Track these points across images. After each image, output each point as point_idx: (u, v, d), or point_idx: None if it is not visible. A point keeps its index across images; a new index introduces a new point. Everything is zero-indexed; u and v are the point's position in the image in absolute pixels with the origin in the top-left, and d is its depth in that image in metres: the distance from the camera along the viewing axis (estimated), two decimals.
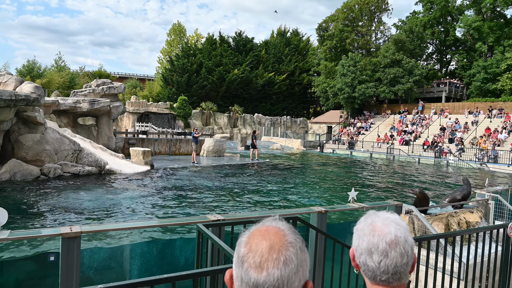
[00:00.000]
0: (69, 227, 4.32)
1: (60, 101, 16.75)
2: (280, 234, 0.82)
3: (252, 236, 0.82)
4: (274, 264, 0.77)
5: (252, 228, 0.86)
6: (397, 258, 1.01)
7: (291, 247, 0.80)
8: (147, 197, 9.34)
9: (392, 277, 1.02)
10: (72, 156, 12.59)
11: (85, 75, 45.65)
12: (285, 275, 0.77)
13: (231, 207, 8.80)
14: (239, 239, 0.85)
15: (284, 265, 0.77)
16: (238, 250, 0.82)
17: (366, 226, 1.07)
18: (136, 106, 32.39)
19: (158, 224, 5.06)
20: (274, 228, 0.84)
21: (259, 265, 0.77)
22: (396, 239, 1.02)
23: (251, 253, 0.78)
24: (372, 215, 1.10)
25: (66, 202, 8.46)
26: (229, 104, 43.34)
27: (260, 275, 0.76)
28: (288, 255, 0.79)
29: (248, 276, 0.77)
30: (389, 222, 1.05)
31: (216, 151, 20.30)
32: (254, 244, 0.80)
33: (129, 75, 61.23)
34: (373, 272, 1.03)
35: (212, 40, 47.05)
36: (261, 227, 0.85)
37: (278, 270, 0.76)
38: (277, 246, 0.79)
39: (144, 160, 14.12)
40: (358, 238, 1.07)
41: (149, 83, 51.33)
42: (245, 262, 0.78)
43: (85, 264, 6.03)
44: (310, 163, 21.13)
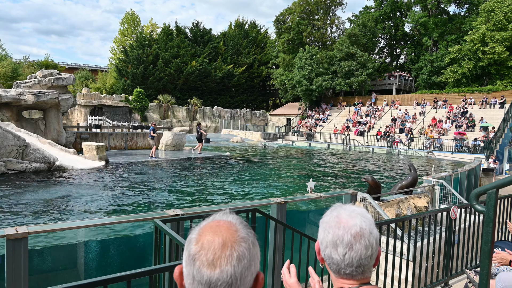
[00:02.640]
0: (14, 228, 4.02)
1: (1, 93, 15.47)
2: (232, 229, 0.80)
3: (203, 232, 0.80)
4: (227, 261, 0.75)
5: (202, 223, 0.83)
6: (362, 250, 1.02)
7: (243, 242, 0.79)
8: (101, 194, 8.94)
9: (356, 270, 1.03)
10: (17, 152, 11.72)
11: (30, 65, 42.51)
12: (238, 271, 0.76)
13: (190, 201, 8.68)
14: (188, 236, 0.82)
15: (237, 261, 0.76)
16: (188, 248, 0.79)
17: (332, 218, 1.07)
18: (88, 99, 30.77)
19: (113, 222, 4.87)
20: (225, 222, 0.82)
21: (211, 262, 0.75)
22: (361, 231, 1.03)
23: (203, 250, 0.76)
24: (338, 207, 1.11)
25: (12, 201, 7.88)
26: (187, 97, 42.54)
27: (213, 272, 0.74)
28: (241, 250, 0.78)
29: (200, 274, 0.75)
30: (355, 214, 1.06)
31: (175, 144, 19.87)
32: (206, 241, 0.77)
33: (79, 66, 58.00)
34: (338, 265, 1.04)
35: (169, 30, 45.72)
36: (211, 222, 0.83)
37: (231, 266, 0.75)
38: (229, 243, 0.77)
39: (98, 155, 13.48)
40: (323, 230, 1.07)
41: (102, 75, 48.97)
42: (197, 260, 0.76)
43: (34, 266, 5.68)
44: (270, 155, 21.38)
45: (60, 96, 16.93)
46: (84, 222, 5.57)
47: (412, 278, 4.03)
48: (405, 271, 4.06)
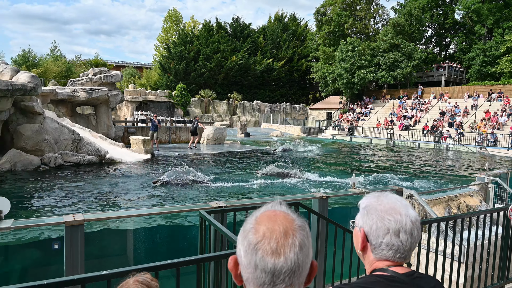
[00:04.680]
0: (72, 216, 4.34)
1: (57, 91, 16.63)
2: (289, 218, 0.82)
3: (261, 222, 0.81)
4: (290, 249, 0.77)
5: (256, 214, 0.85)
6: (418, 237, 1.07)
7: (302, 231, 0.81)
8: (149, 185, 9.37)
9: (408, 254, 1.08)
10: (72, 146, 12.57)
11: (81, 64, 45.19)
12: (300, 258, 0.78)
13: (232, 193, 8.85)
14: (245, 226, 0.83)
15: (299, 249, 0.78)
16: (247, 238, 0.80)
17: (383, 206, 1.09)
18: (134, 95, 32.20)
19: (161, 212, 5.10)
20: (281, 212, 0.84)
21: (275, 250, 0.76)
22: (416, 219, 1.08)
23: (266, 239, 0.78)
24: (381, 196, 1.12)
25: (69, 191, 8.50)
26: (228, 92, 43.11)
27: (278, 260, 0.76)
28: (301, 238, 0.80)
29: (264, 263, 0.76)
30: (405, 203, 1.10)
31: (216, 138, 20.28)
32: (267, 230, 0.79)
33: (126, 64, 60.67)
34: (396, 251, 1.07)
35: (209, 26, 46.47)
36: (267, 212, 0.84)
37: (294, 254, 0.77)
38: (290, 231, 0.79)
39: (144, 148, 14.11)
40: (378, 218, 1.08)
41: (147, 71, 50.91)
42: (259, 249, 0.77)
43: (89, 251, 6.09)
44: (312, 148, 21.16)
45: (110, 92, 17.88)
46: (134, 212, 5.88)
47: (464, 281, 3.83)
48: (456, 274, 3.87)
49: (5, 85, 10.41)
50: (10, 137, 11.85)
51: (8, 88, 10.47)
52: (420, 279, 1.07)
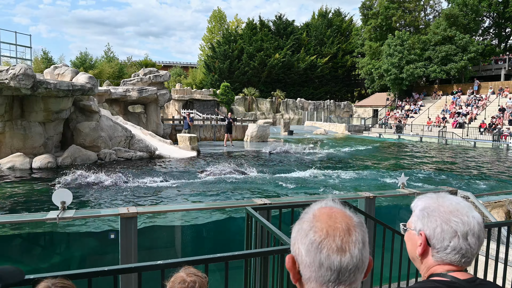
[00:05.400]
0: (126, 208, 4.61)
1: (111, 90, 17.68)
2: (347, 215, 0.82)
3: (320, 219, 0.81)
4: (354, 245, 0.78)
5: (312, 212, 0.84)
6: (483, 240, 1.03)
7: (362, 227, 0.82)
8: (196, 181, 9.69)
9: (473, 258, 1.03)
10: (125, 142, 13.32)
11: (132, 65, 47.57)
12: (364, 254, 0.79)
13: (276, 191, 8.89)
14: (302, 225, 0.83)
15: (362, 245, 0.79)
16: (308, 236, 0.79)
17: (446, 208, 1.04)
18: (181, 94, 33.33)
19: (209, 207, 5.26)
20: (338, 210, 0.84)
21: (341, 248, 0.77)
22: (481, 221, 1.03)
23: (330, 237, 0.78)
24: (439, 197, 1.08)
25: (123, 185, 9.03)
26: (271, 89, 43.20)
27: (344, 257, 0.76)
28: (362, 235, 0.80)
29: (330, 261, 0.77)
30: (467, 204, 1.05)
31: (259, 136, 20.44)
32: (329, 227, 0.79)
33: (173, 64, 62.82)
34: (463, 255, 1.02)
35: (252, 25, 46.80)
36: (323, 209, 0.84)
37: (358, 250, 0.78)
38: (351, 228, 0.80)
39: (190, 145, 14.59)
40: (442, 221, 1.04)
41: (192, 71, 52.41)
42: (324, 247, 0.77)
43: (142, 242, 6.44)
44: (357, 147, 20.62)
45: (158, 91, 18.67)
46: (182, 206, 6.11)
47: None
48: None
49: (66, 86, 11.26)
50: (70, 134, 12.81)
51: (69, 89, 11.32)
52: (483, 286, 1.01)
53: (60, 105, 11.68)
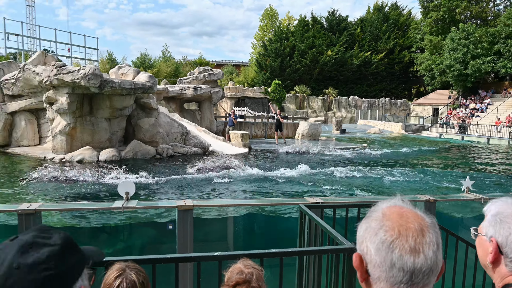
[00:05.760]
0: (183, 201, 4.83)
1: (169, 89, 18.56)
2: (419, 215, 0.80)
3: (391, 219, 0.79)
4: (428, 247, 0.76)
5: (381, 211, 0.83)
6: None
7: (435, 228, 0.79)
8: (248, 176, 9.87)
9: None
10: (181, 138, 13.93)
11: (187, 64, 49.45)
12: (438, 256, 0.77)
13: (328, 190, 8.76)
14: (370, 223, 0.81)
15: (436, 247, 0.77)
16: (378, 235, 0.78)
17: None
18: (233, 92, 34.03)
19: (261, 203, 5.35)
20: (409, 209, 0.81)
21: (414, 249, 0.75)
22: None
23: (402, 237, 0.76)
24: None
25: (180, 178, 9.47)
26: (323, 87, 42.48)
27: (417, 259, 0.75)
28: (435, 236, 0.78)
29: (403, 261, 0.75)
30: None
31: (311, 134, 20.23)
32: (401, 227, 0.77)
33: (225, 62, 64.17)
34: None
35: (304, 22, 46.29)
36: (393, 208, 0.82)
37: (432, 252, 0.76)
38: (425, 228, 0.77)
39: (242, 142, 14.87)
40: None
41: (244, 69, 53.16)
42: (396, 247, 0.76)
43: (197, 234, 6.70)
44: (414, 148, 19.60)
45: (212, 89, 19.24)
46: (235, 201, 6.27)
47: None
48: None
49: (129, 85, 12.04)
50: (132, 129, 13.68)
51: (131, 87, 12.09)
52: None
53: (124, 103, 12.52)
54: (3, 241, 0.81)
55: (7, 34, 27.06)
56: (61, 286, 0.75)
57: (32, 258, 0.72)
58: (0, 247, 0.75)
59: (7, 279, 0.68)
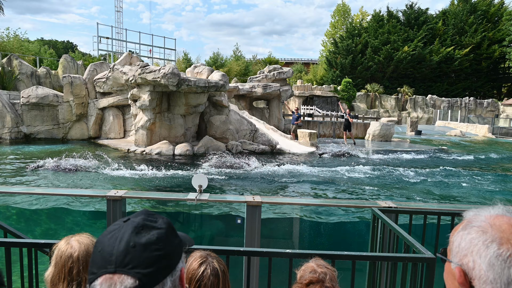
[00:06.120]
0: (252, 197, 4.96)
1: (239, 87, 19.08)
2: None
3: (502, 230, 0.73)
4: None
5: (486, 220, 0.76)
6: None
7: None
8: (315, 176, 9.76)
9: None
10: (249, 135, 14.26)
11: (257, 63, 50.31)
12: None
13: (401, 194, 8.29)
14: (474, 234, 0.76)
15: None
16: (490, 248, 0.73)
17: None
18: (301, 90, 33.82)
19: (330, 204, 5.25)
20: None
21: None
22: None
23: None
24: None
25: (251, 175, 9.72)
26: (397, 85, 40.14)
27: None
28: None
29: None
30: None
31: (382, 135, 19.29)
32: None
33: (294, 60, 64.01)
34: None
35: (379, 16, 44.08)
36: (500, 218, 0.76)
37: None
38: None
39: (310, 141, 14.72)
40: None
41: (313, 67, 52.48)
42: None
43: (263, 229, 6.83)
44: (504, 154, 17.60)
45: (281, 88, 19.34)
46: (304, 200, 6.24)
47: None
48: None
49: (203, 83, 12.65)
50: (204, 126, 14.36)
51: (205, 85, 12.69)
52: None
53: (198, 100, 13.20)
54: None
55: (99, 38, 30.24)
56: (169, 265, 0.83)
57: (145, 239, 0.79)
58: (115, 226, 0.84)
59: (126, 256, 0.77)
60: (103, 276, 0.76)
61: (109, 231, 0.83)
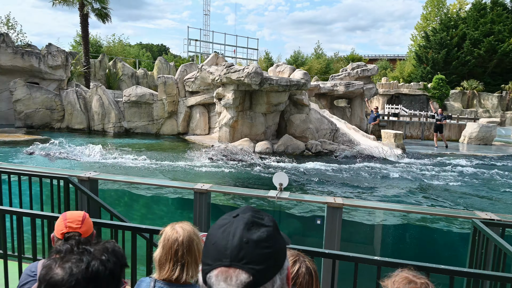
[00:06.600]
0: (333, 198, 4.83)
1: (320, 85, 18.78)
2: None
3: None
4: None
5: None
6: None
7: None
8: (402, 180, 9.16)
9: None
10: (330, 135, 13.95)
11: (338, 60, 48.93)
12: None
13: (500, 207, 7.33)
14: None
15: None
16: None
17: None
18: (386, 88, 31.95)
19: (420, 211, 4.87)
20: None
21: None
22: None
23: None
24: None
25: (329, 175, 9.54)
26: (500, 82, 35.46)
27: None
28: None
29: None
30: None
31: (481, 138, 17.26)
32: None
33: (379, 57, 60.78)
34: None
35: (481, 5, 39.32)
36: None
37: None
38: None
39: (395, 143, 13.84)
40: None
41: (400, 63, 49.17)
42: None
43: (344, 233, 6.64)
44: None
45: (365, 86, 18.52)
46: (391, 205, 5.90)
47: None
48: None
49: (285, 82, 12.73)
50: (284, 124, 14.46)
51: (287, 84, 12.75)
52: None
53: (279, 99, 13.33)
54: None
55: (189, 40, 32.46)
56: (278, 263, 0.84)
57: (256, 235, 0.81)
58: (225, 221, 0.87)
59: (240, 251, 0.80)
60: (218, 269, 0.78)
61: (219, 225, 0.86)
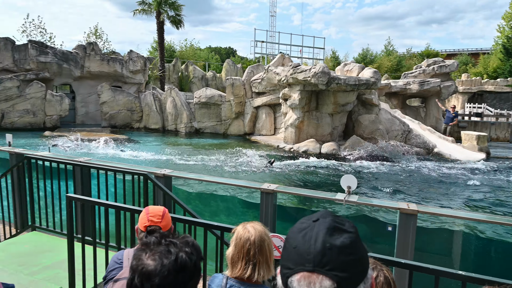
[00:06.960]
0: (406, 204, 4.55)
1: (391, 84, 17.82)
2: None
3: None
4: None
5: None
6: None
7: None
8: (485, 188, 8.33)
9: None
10: (402, 136, 13.17)
11: (411, 57, 45.91)
12: None
13: None
14: None
15: None
16: None
17: None
18: (467, 85, 29.21)
19: (506, 222, 4.38)
20: None
21: None
22: None
23: None
24: None
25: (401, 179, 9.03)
26: None
27: None
28: None
29: None
30: None
31: None
32: None
33: (458, 51, 55.82)
34: None
35: None
36: None
37: None
38: None
39: (478, 146, 12.59)
40: None
41: (484, 58, 44.56)
42: None
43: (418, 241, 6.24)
44: None
45: (442, 83, 17.14)
46: (472, 214, 5.40)
47: None
48: None
49: (353, 81, 12.32)
50: (352, 125, 14.01)
51: (355, 83, 12.33)
52: None
53: (347, 99, 12.95)
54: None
55: (256, 42, 33.06)
56: (363, 271, 0.80)
57: (339, 241, 0.78)
58: (304, 225, 0.84)
59: (323, 256, 0.77)
60: (300, 273, 0.77)
61: (299, 228, 0.85)
